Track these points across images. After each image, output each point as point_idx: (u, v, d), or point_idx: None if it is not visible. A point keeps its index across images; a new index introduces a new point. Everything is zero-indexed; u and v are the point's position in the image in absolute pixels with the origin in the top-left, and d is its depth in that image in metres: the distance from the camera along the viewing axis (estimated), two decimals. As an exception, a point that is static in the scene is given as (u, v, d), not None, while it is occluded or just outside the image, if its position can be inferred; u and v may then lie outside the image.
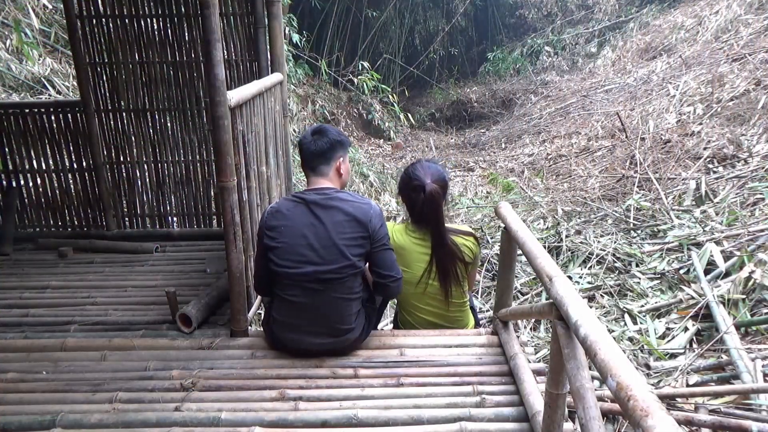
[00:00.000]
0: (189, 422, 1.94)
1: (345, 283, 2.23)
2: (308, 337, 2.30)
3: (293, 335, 2.32)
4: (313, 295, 2.22)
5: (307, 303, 2.23)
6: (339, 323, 2.29)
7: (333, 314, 2.27)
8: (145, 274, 3.33)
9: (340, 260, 2.19)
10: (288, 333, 2.32)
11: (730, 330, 3.21)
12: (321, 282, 2.20)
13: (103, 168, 3.83)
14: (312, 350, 2.34)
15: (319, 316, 2.26)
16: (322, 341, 2.31)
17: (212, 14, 2.13)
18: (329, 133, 2.33)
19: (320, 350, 2.34)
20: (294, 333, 2.31)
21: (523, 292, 4.47)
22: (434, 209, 2.47)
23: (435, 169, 2.55)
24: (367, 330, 2.46)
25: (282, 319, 2.32)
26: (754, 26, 8.84)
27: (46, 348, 2.44)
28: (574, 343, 1.45)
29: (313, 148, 2.29)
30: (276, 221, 2.23)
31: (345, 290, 2.25)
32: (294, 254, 2.19)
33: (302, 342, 2.32)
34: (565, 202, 6.21)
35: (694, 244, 4.31)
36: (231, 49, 3.65)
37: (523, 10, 15.30)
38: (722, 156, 5.83)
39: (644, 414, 0.96)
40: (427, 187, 2.45)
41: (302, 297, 2.23)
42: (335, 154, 2.32)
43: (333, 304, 2.25)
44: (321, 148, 2.29)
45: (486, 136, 11.45)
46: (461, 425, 1.88)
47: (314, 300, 2.23)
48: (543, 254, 1.82)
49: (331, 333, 2.30)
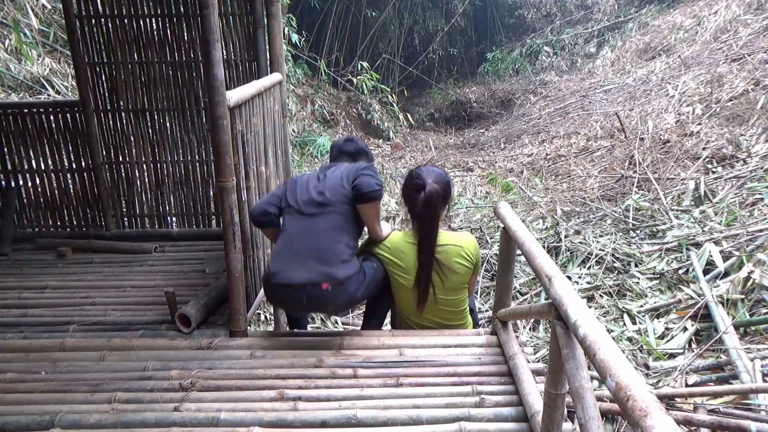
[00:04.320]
0: (188, 422, 1.93)
1: (336, 217, 2.42)
2: (300, 268, 2.32)
3: (285, 266, 2.35)
4: (305, 222, 2.41)
5: (299, 231, 2.41)
6: (329, 251, 2.37)
7: (323, 241, 2.39)
8: (144, 274, 3.33)
9: (333, 191, 2.45)
10: (280, 265, 2.36)
11: (729, 330, 3.22)
12: (314, 205, 2.42)
13: (102, 168, 3.83)
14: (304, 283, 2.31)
15: (309, 245, 2.37)
16: (310, 275, 2.31)
17: (211, 14, 2.13)
18: (358, 142, 2.87)
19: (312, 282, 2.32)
20: (286, 263, 2.35)
21: (522, 292, 4.48)
22: (432, 208, 2.45)
23: (438, 173, 2.56)
24: (364, 284, 2.44)
25: (276, 251, 2.44)
26: (753, 26, 8.86)
27: (44, 348, 2.43)
28: (573, 343, 1.45)
29: (343, 148, 2.80)
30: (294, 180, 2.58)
31: (336, 224, 2.42)
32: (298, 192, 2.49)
33: (294, 273, 2.32)
34: (564, 202, 6.21)
35: (693, 244, 4.32)
36: (230, 49, 3.65)
37: (523, 11, 15.32)
38: (721, 156, 5.84)
39: (643, 414, 0.96)
40: (427, 186, 2.45)
41: (296, 225, 2.42)
42: (359, 158, 2.77)
43: (324, 234, 2.40)
44: (348, 149, 2.79)
45: (485, 136, 11.45)
46: (460, 425, 1.88)
47: (305, 227, 2.40)
48: (542, 254, 1.82)
49: (321, 261, 2.34)
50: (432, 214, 2.47)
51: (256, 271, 2.85)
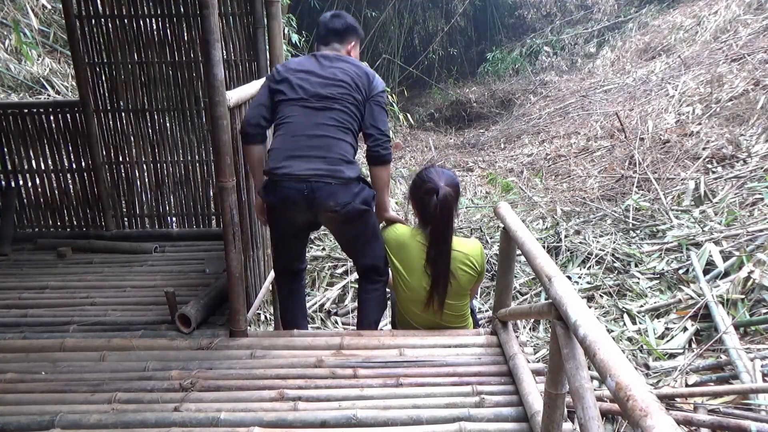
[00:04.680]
0: (188, 422, 1.93)
1: (340, 112, 2.35)
2: (301, 162, 2.30)
3: (287, 162, 2.30)
4: (310, 115, 2.32)
5: (304, 122, 2.33)
6: (336, 148, 2.33)
7: (329, 136, 2.33)
8: (144, 274, 3.33)
9: (340, 89, 2.36)
10: (282, 162, 2.31)
11: (729, 330, 3.22)
12: (320, 99, 2.33)
13: (102, 168, 3.83)
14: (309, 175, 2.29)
15: (314, 137, 2.32)
16: (316, 167, 2.29)
17: (211, 14, 2.13)
18: (347, 17, 2.58)
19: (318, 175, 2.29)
20: (287, 160, 2.31)
21: (522, 292, 4.48)
22: (447, 213, 2.44)
23: (448, 174, 2.54)
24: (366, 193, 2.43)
25: (278, 147, 2.35)
26: (753, 26, 8.86)
27: (44, 348, 2.43)
28: (573, 343, 1.45)
29: (330, 25, 2.52)
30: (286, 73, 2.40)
31: (340, 120, 2.35)
32: (300, 84, 2.36)
33: (299, 164, 2.30)
34: (564, 202, 6.21)
35: (693, 244, 4.32)
36: (230, 49, 3.64)
37: (522, 11, 15.32)
38: (721, 156, 5.84)
39: (643, 414, 0.96)
40: (441, 190, 2.42)
41: (300, 116, 2.33)
42: (349, 37, 2.54)
43: (327, 129, 2.34)
44: (337, 27, 2.52)
45: (485, 136, 11.45)
46: (460, 425, 1.88)
47: (310, 119, 2.32)
48: (542, 254, 1.82)
49: (323, 158, 2.31)
50: (448, 219, 2.45)
51: (256, 270, 2.85)
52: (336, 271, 4.99)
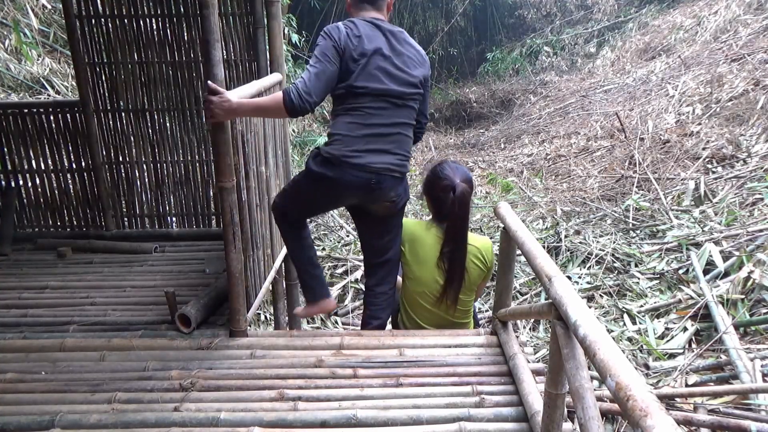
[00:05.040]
0: (188, 422, 1.93)
1: (411, 110, 2.43)
2: (375, 155, 2.34)
3: (362, 154, 2.32)
4: (390, 111, 2.36)
5: (383, 117, 2.35)
6: (402, 145, 2.41)
7: (401, 134, 2.41)
8: (144, 274, 3.33)
9: (415, 88, 2.41)
10: (357, 153, 2.31)
11: (729, 330, 3.22)
12: (401, 97, 2.36)
13: (102, 168, 3.83)
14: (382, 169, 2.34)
15: (390, 134, 2.37)
16: (388, 161, 2.36)
17: (211, 14, 2.13)
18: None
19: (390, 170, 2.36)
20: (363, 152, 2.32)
21: (522, 292, 4.48)
22: (464, 209, 2.46)
23: (463, 170, 2.56)
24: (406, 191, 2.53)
25: (350, 135, 2.32)
26: (753, 26, 8.86)
27: (44, 348, 2.43)
28: (573, 343, 1.45)
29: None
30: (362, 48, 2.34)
31: (409, 116, 2.43)
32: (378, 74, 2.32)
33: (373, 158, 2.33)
34: (564, 202, 6.22)
35: (693, 244, 4.32)
36: (230, 49, 3.64)
37: (522, 11, 15.32)
38: (721, 156, 5.84)
39: (643, 414, 0.96)
40: (458, 187, 2.43)
41: (380, 110, 2.34)
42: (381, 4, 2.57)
43: (402, 127, 2.41)
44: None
45: (485, 136, 11.45)
46: (460, 425, 1.88)
47: (389, 116, 2.36)
48: (542, 254, 1.82)
49: (395, 153, 2.38)
50: (465, 215, 2.47)
51: (256, 270, 2.85)
52: (336, 271, 4.99)
